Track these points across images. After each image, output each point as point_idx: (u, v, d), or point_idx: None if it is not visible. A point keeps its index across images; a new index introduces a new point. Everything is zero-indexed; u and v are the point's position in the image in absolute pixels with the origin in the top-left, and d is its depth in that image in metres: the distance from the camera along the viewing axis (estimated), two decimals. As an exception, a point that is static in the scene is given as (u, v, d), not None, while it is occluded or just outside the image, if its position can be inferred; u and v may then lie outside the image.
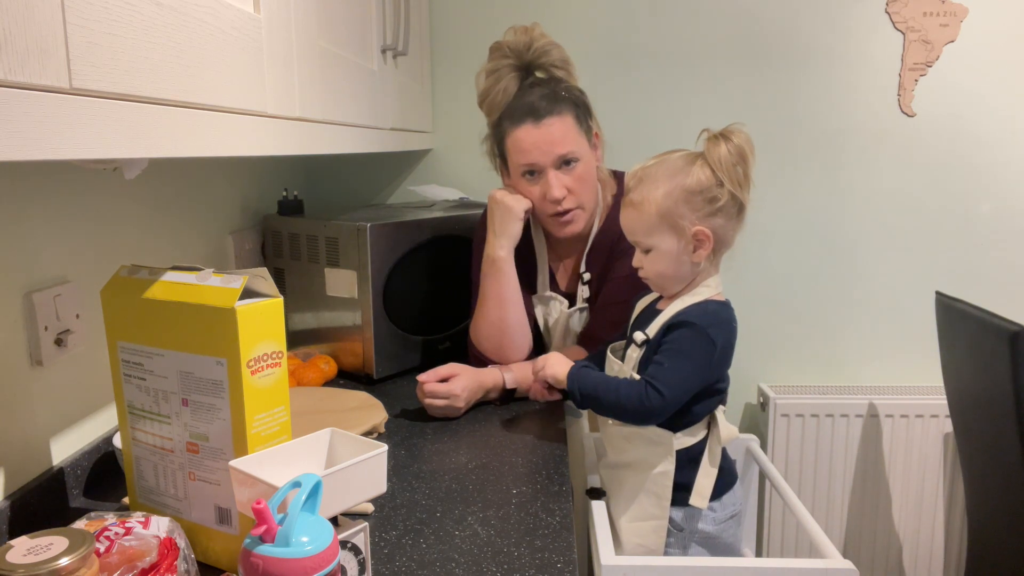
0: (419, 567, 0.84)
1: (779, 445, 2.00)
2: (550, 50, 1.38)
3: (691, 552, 1.17)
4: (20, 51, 0.40)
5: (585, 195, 1.34)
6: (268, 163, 1.80)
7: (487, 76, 1.40)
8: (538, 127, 1.30)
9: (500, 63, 1.38)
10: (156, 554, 0.69)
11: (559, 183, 1.31)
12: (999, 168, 1.95)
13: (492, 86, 1.38)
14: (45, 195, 0.97)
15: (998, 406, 1.37)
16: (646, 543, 1.15)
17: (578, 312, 1.45)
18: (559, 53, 1.39)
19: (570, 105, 1.32)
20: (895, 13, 1.89)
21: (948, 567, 2.03)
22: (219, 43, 0.65)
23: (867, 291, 2.02)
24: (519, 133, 1.32)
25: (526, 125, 1.31)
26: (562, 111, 1.31)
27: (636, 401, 1.07)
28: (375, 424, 1.20)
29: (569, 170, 1.32)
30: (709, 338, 1.08)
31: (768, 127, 1.97)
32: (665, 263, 1.11)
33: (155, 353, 0.80)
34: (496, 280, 1.38)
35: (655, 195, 1.08)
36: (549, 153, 1.31)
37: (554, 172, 1.32)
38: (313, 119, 0.92)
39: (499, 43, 1.39)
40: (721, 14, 1.93)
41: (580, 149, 1.32)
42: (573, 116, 1.32)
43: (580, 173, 1.33)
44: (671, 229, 1.09)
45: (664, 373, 1.07)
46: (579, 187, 1.33)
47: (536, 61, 1.38)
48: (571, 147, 1.31)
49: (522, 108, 1.32)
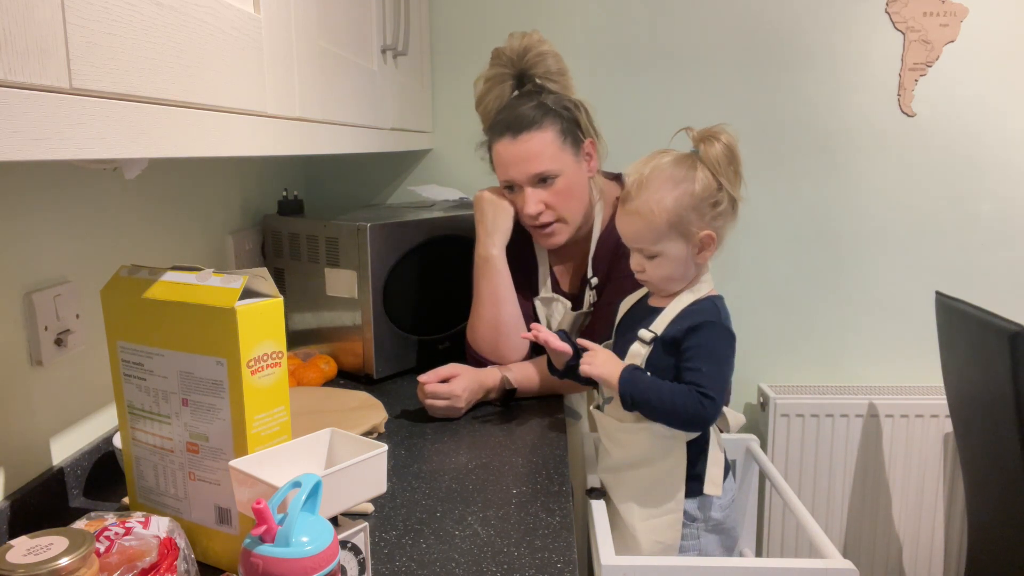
0: (419, 567, 0.84)
1: (779, 445, 2.00)
2: (545, 59, 1.37)
3: (703, 541, 1.19)
4: (20, 51, 0.40)
5: (566, 209, 1.35)
6: (268, 163, 1.80)
7: (484, 83, 1.41)
8: (515, 142, 1.31)
9: (496, 71, 1.39)
10: (156, 554, 0.69)
11: (535, 199, 1.33)
12: (999, 168, 1.95)
13: (486, 93, 1.40)
14: (45, 195, 0.97)
15: (998, 406, 1.37)
16: (664, 539, 1.15)
17: (584, 316, 1.45)
18: (555, 63, 1.39)
19: (554, 119, 1.32)
20: (895, 13, 1.89)
21: (948, 567, 2.03)
22: (219, 43, 0.64)
23: (867, 291, 2.02)
24: (499, 147, 1.34)
25: (505, 140, 1.33)
26: (543, 125, 1.31)
27: (693, 410, 1.07)
28: (375, 424, 1.20)
29: (547, 186, 1.33)
30: (730, 332, 1.11)
31: (768, 127, 1.97)
32: (672, 267, 1.12)
33: (155, 353, 0.80)
34: (489, 279, 1.39)
35: (665, 203, 1.09)
36: (524, 171, 1.32)
37: (531, 189, 1.33)
38: (313, 119, 0.92)
39: (498, 49, 1.40)
40: (721, 14, 1.93)
41: (560, 165, 1.32)
42: (556, 130, 1.32)
43: (560, 188, 1.33)
44: (681, 236, 1.10)
45: (708, 379, 1.07)
46: (558, 202, 1.34)
47: (529, 70, 1.38)
48: (547, 165, 1.31)
49: (503, 122, 1.34)
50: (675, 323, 1.12)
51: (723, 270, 1.97)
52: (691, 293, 1.14)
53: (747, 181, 1.89)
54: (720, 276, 1.23)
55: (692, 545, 1.17)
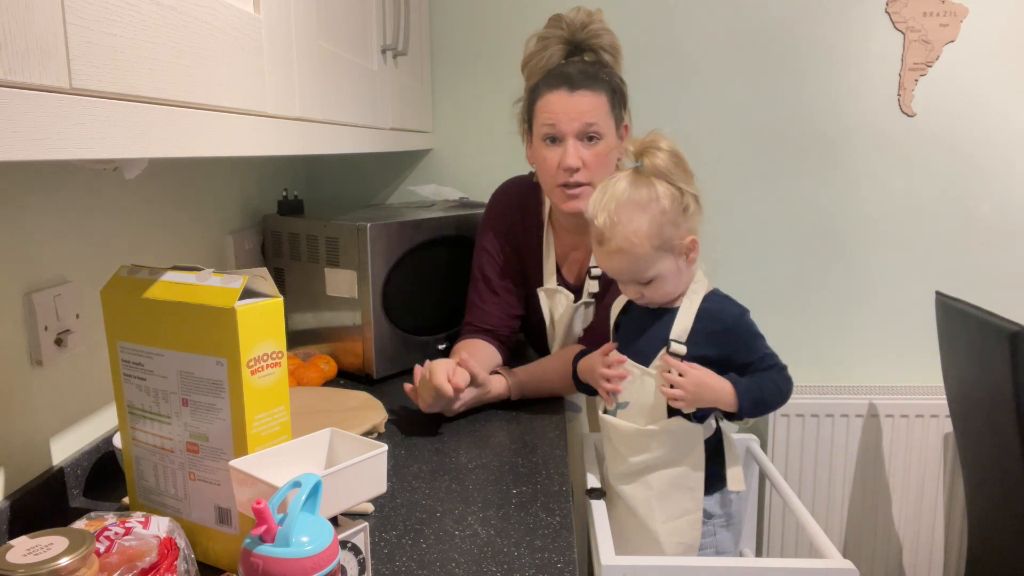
0: (419, 567, 0.84)
1: (779, 445, 2.00)
2: (602, 35, 1.39)
3: (720, 537, 1.20)
4: (20, 51, 0.40)
5: (599, 174, 1.33)
6: (268, 163, 1.80)
7: (537, 41, 1.41)
8: (571, 96, 1.31)
9: (552, 32, 1.40)
10: (156, 554, 0.69)
11: (576, 152, 1.32)
12: (999, 168, 1.95)
13: (538, 52, 1.40)
14: (45, 195, 0.97)
15: (998, 406, 1.37)
16: (685, 539, 1.16)
17: (583, 306, 1.45)
18: (611, 39, 1.40)
19: (607, 87, 1.34)
20: (895, 13, 1.89)
21: (948, 567, 2.03)
22: (219, 43, 0.64)
23: (867, 291, 2.02)
24: (551, 96, 1.33)
25: (560, 91, 1.32)
26: (598, 89, 1.32)
27: (788, 385, 1.15)
28: (375, 424, 1.20)
29: (590, 145, 1.33)
30: (747, 311, 1.17)
31: (768, 127, 1.97)
32: (670, 284, 1.14)
33: (155, 353, 0.80)
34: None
35: (642, 231, 1.09)
36: (575, 120, 1.31)
37: (574, 141, 1.32)
38: (313, 119, 0.92)
39: (559, 15, 1.40)
40: (721, 14, 1.93)
41: (606, 128, 1.33)
42: (608, 98, 1.33)
43: (600, 152, 1.33)
44: (667, 252, 1.11)
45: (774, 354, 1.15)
46: (595, 164, 1.33)
47: (587, 41, 1.39)
48: (598, 120, 1.32)
49: (560, 76, 1.34)
50: (698, 330, 1.13)
51: (723, 270, 1.97)
52: (695, 293, 1.15)
53: (747, 181, 1.90)
54: (720, 276, 1.23)
55: (709, 542, 1.18)
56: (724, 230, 2.00)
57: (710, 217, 1.18)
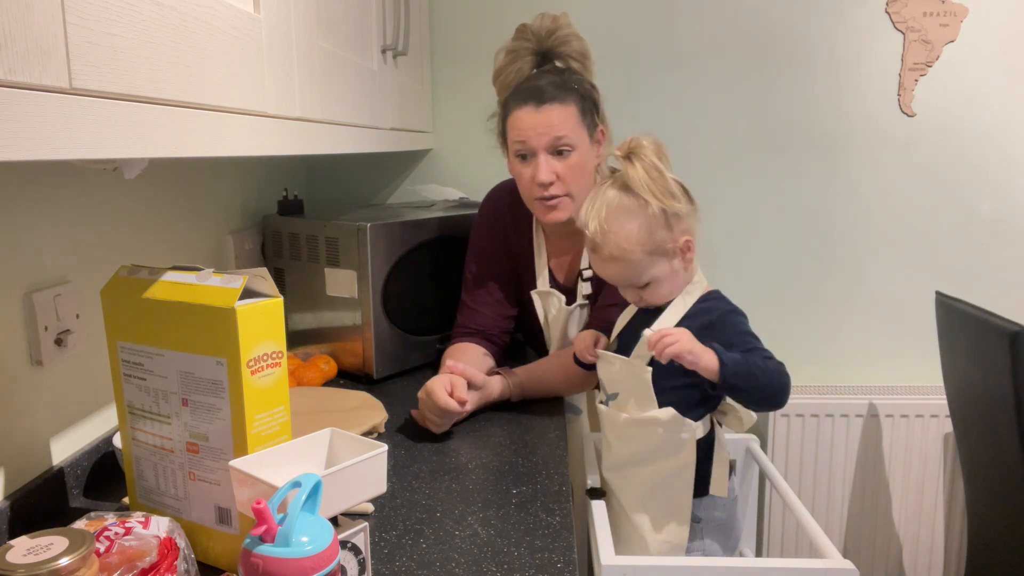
0: (419, 567, 0.84)
1: (779, 445, 2.00)
2: (570, 40, 1.39)
3: (707, 541, 1.19)
4: (20, 51, 0.40)
5: (575, 185, 1.34)
6: (268, 163, 1.80)
7: (505, 55, 1.41)
8: (538, 111, 1.31)
9: (520, 44, 1.40)
10: (156, 554, 0.69)
11: (548, 167, 1.32)
12: (999, 168, 1.95)
13: (507, 65, 1.40)
14: (45, 195, 0.97)
15: (998, 406, 1.37)
16: (671, 540, 1.16)
17: (578, 308, 1.45)
18: (579, 45, 1.40)
19: (576, 96, 1.33)
20: (895, 13, 1.89)
21: (948, 567, 2.03)
22: (219, 43, 0.64)
23: (867, 291, 2.02)
24: (519, 113, 1.33)
25: (527, 107, 1.32)
26: (566, 100, 1.32)
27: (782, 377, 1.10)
28: (375, 424, 1.20)
29: (561, 158, 1.33)
30: (741, 311, 1.15)
31: (768, 127, 1.97)
32: (667, 285, 1.14)
33: (155, 353, 0.80)
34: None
35: (633, 236, 1.10)
36: (543, 135, 1.31)
37: (545, 156, 1.32)
38: (313, 119, 0.92)
39: (524, 25, 1.40)
40: (721, 15, 1.93)
41: (577, 139, 1.33)
42: (577, 107, 1.33)
43: (573, 163, 1.33)
44: (662, 255, 1.12)
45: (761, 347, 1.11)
46: (569, 175, 1.33)
47: (554, 49, 1.39)
48: (566, 133, 1.31)
49: (527, 90, 1.34)
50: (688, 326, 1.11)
51: (723, 270, 1.97)
52: (688, 294, 1.15)
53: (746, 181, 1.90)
54: (720, 276, 1.23)
55: (696, 546, 1.17)
56: (724, 230, 2.00)
57: (710, 217, 1.17)
